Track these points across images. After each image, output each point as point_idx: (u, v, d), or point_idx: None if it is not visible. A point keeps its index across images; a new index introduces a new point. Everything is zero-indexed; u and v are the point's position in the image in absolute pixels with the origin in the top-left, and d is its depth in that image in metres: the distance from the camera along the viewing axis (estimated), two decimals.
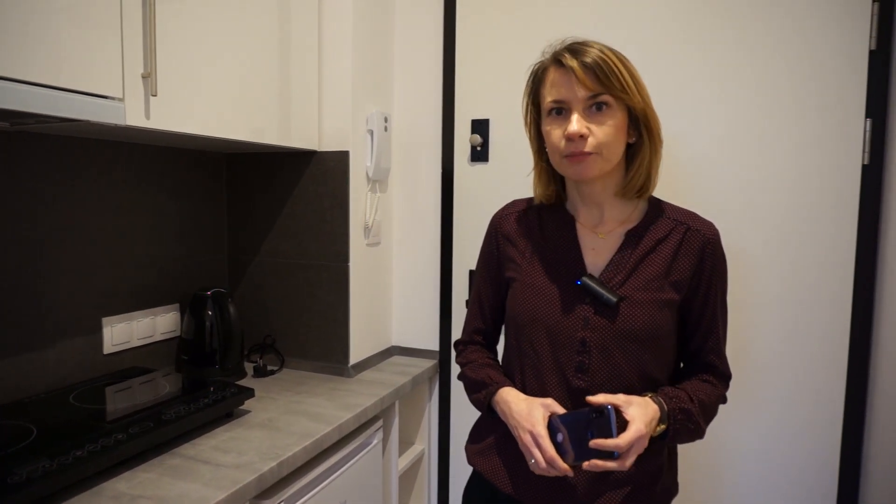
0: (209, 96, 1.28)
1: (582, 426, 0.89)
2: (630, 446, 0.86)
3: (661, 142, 1.01)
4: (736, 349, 1.48)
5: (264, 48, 1.44)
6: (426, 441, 1.88)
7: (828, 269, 1.42)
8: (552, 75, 0.98)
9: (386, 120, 1.76)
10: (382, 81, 1.79)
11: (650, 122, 0.98)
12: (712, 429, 1.47)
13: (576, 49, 0.96)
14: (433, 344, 1.85)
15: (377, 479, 1.56)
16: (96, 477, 1.03)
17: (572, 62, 0.94)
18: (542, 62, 1.02)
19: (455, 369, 1.78)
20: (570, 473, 0.90)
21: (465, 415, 1.80)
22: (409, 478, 1.88)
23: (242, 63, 1.37)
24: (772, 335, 1.48)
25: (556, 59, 0.97)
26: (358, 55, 1.65)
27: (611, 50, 0.97)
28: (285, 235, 1.73)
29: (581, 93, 0.94)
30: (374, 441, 1.53)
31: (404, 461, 1.75)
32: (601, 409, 0.88)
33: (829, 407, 1.43)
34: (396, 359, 1.87)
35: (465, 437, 1.78)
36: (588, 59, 0.93)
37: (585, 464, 0.87)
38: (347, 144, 1.64)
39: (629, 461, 0.86)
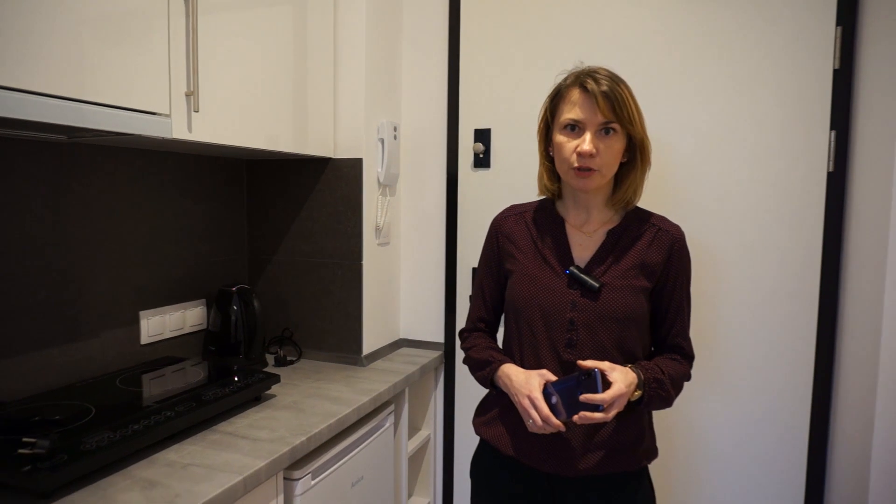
0: (239, 110, 1.43)
1: (572, 389, 1.05)
2: (613, 401, 1.02)
3: (650, 165, 1.17)
4: (711, 339, 1.64)
5: (286, 66, 1.58)
6: (432, 427, 2.02)
7: (797, 265, 1.57)
8: (575, 95, 1.12)
9: (395, 129, 1.90)
10: (392, 93, 1.93)
11: (645, 148, 1.15)
12: (691, 409, 1.63)
13: (597, 78, 1.10)
14: (439, 336, 2.00)
15: (389, 459, 1.70)
16: (150, 449, 1.18)
17: (595, 89, 1.09)
18: (566, 82, 1.16)
19: (459, 359, 1.94)
20: (563, 429, 1.06)
21: (468, 403, 1.94)
22: (416, 460, 2.02)
23: (267, 79, 1.51)
24: (743, 327, 1.63)
25: (581, 84, 1.12)
26: (370, 71, 1.79)
27: (622, 82, 1.12)
28: (302, 236, 1.87)
29: (598, 118, 1.10)
30: (387, 424, 1.68)
31: (412, 444, 1.89)
32: (589, 372, 1.04)
33: (797, 391, 1.59)
34: (405, 350, 2.01)
35: (469, 425, 1.95)
36: (606, 89, 1.09)
37: (575, 417, 1.03)
38: (360, 152, 1.78)
39: (612, 413, 1.03)
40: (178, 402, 1.26)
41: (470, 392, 1.94)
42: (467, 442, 1.96)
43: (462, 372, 1.96)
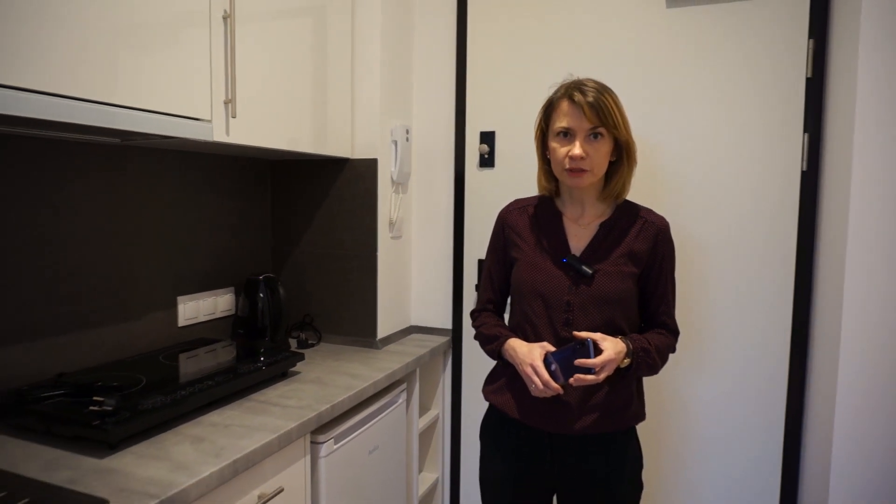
0: (269, 115, 1.59)
1: (569, 357, 1.21)
2: (603, 365, 1.18)
3: (635, 163, 1.34)
4: (697, 321, 1.80)
5: (308, 75, 1.75)
6: (440, 407, 2.19)
7: (775, 254, 1.72)
8: (564, 107, 1.29)
9: (407, 132, 2.07)
10: (404, 99, 2.10)
11: (630, 148, 1.32)
12: (679, 381, 1.78)
13: (584, 90, 1.26)
14: (447, 323, 2.16)
15: (402, 432, 1.87)
16: (195, 412, 1.34)
17: (581, 100, 1.25)
18: (556, 94, 1.32)
19: (466, 344, 2.10)
20: (562, 392, 1.23)
21: (474, 385, 2.10)
22: (426, 438, 2.18)
23: (292, 87, 1.68)
24: (726, 310, 1.78)
25: (569, 96, 1.28)
26: (384, 79, 1.96)
27: (608, 91, 1.28)
28: (322, 229, 2.04)
29: (585, 125, 1.26)
30: (400, 400, 1.84)
31: (422, 422, 2.06)
32: (583, 342, 1.21)
33: (774, 365, 1.74)
34: (415, 336, 2.17)
35: (475, 405, 2.11)
36: (591, 100, 1.25)
37: (571, 379, 1.19)
38: (376, 153, 1.95)
39: (602, 376, 1.19)
40: (217, 374, 1.43)
41: (476, 376, 2.11)
42: (473, 422, 2.13)
43: (469, 356, 2.12)
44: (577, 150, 1.26)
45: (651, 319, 1.37)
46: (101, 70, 1.13)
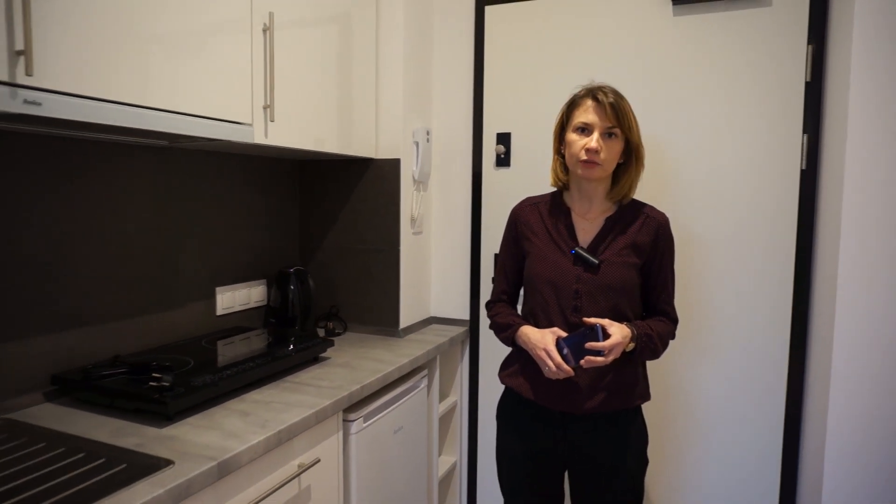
0: (301, 118, 1.72)
1: (579, 341, 1.32)
2: (612, 348, 1.30)
3: (643, 167, 1.45)
4: (700, 310, 1.90)
5: (336, 80, 1.87)
6: (458, 394, 2.31)
7: (775, 248, 1.82)
8: (587, 104, 1.41)
9: (428, 133, 2.19)
10: (425, 102, 2.22)
11: (639, 152, 1.44)
12: (683, 367, 1.89)
13: (606, 92, 1.40)
14: (464, 314, 2.28)
15: (423, 415, 1.99)
16: (238, 391, 1.48)
17: (604, 100, 1.38)
18: (580, 93, 1.45)
19: (483, 334, 2.22)
20: (573, 374, 1.34)
21: (490, 373, 2.22)
22: (445, 423, 2.30)
23: (322, 93, 1.81)
24: (728, 302, 1.88)
25: (593, 95, 1.41)
26: (407, 84, 2.08)
27: (624, 99, 1.41)
28: (347, 225, 2.17)
29: (604, 122, 1.38)
30: (422, 385, 1.96)
31: (442, 407, 2.18)
32: (593, 327, 1.32)
33: (775, 353, 1.84)
34: (434, 326, 2.30)
35: (491, 392, 2.24)
36: (612, 101, 1.38)
37: (582, 361, 1.31)
38: (399, 153, 2.07)
39: (610, 358, 1.31)
40: (257, 357, 1.57)
41: (492, 365, 2.22)
42: (490, 408, 2.24)
43: (485, 345, 2.24)
44: (593, 142, 1.38)
45: (652, 307, 1.48)
46: (162, 82, 1.26)
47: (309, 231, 2.25)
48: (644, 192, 1.55)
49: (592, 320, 1.35)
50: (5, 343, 1.33)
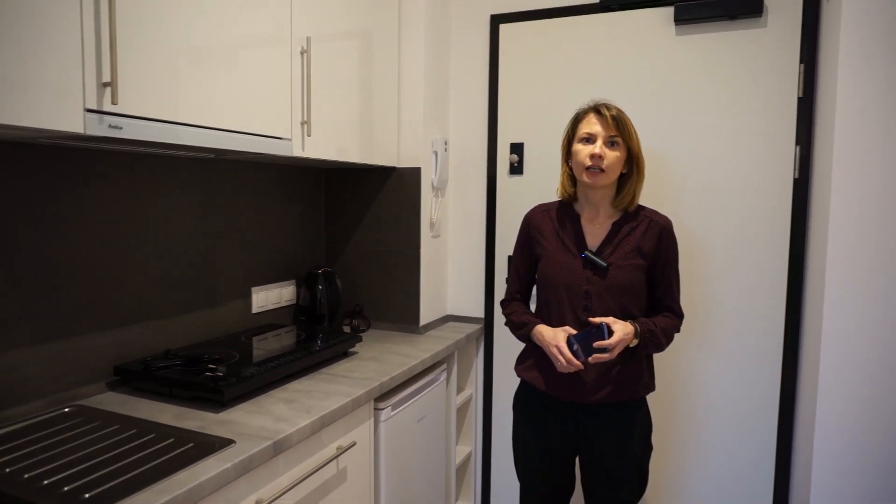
0: (333, 131, 1.87)
1: (587, 338, 1.47)
2: (616, 344, 1.44)
3: (644, 176, 1.59)
4: (702, 308, 2.05)
5: (361, 94, 2.03)
6: (474, 387, 2.46)
7: (770, 252, 1.97)
8: (591, 117, 1.56)
9: (446, 143, 2.34)
10: (443, 114, 2.37)
11: (640, 161, 1.58)
12: (687, 361, 2.03)
13: (608, 106, 1.55)
14: (479, 312, 2.43)
15: (443, 405, 2.14)
16: (280, 381, 1.63)
17: (606, 112, 1.53)
18: (584, 108, 1.60)
19: (497, 331, 2.37)
20: (583, 368, 1.49)
21: (504, 368, 2.37)
22: (461, 414, 2.45)
23: (349, 107, 1.96)
24: (727, 299, 2.03)
25: (596, 109, 1.56)
26: (427, 98, 2.23)
27: (624, 113, 1.56)
28: (371, 229, 2.32)
29: (607, 132, 1.53)
30: (441, 378, 2.11)
31: (460, 399, 2.33)
32: (599, 325, 1.46)
33: (770, 345, 1.98)
34: (451, 324, 2.45)
35: (504, 386, 2.39)
36: (615, 114, 1.53)
37: (590, 358, 1.45)
38: (419, 162, 2.22)
39: (615, 354, 1.45)
40: (295, 351, 1.72)
41: (505, 360, 2.37)
42: (504, 401, 2.39)
43: (499, 342, 2.39)
44: (597, 149, 1.52)
45: (658, 304, 1.62)
46: (217, 104, 1.42)
47: (334, 234, 2.40)
48: (650, 198, 1.70)
49: (598, 319, 1.49)
50: (75, 338, 1.49)
